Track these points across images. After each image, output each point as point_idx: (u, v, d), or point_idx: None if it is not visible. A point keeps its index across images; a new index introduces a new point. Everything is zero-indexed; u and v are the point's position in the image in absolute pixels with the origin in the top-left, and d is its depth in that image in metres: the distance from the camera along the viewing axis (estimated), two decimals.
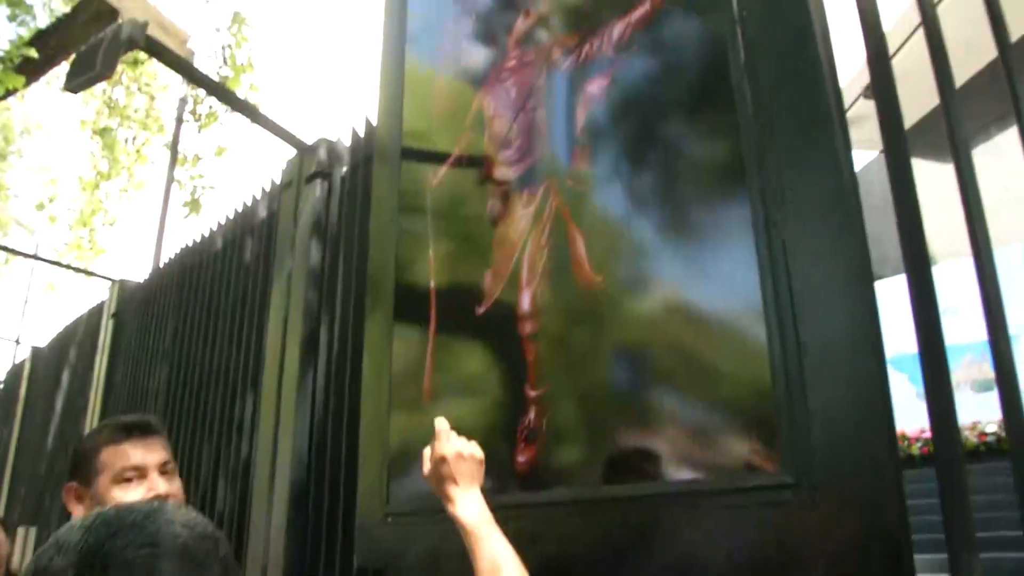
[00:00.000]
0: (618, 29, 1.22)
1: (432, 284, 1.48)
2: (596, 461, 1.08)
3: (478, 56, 1.59)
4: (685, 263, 1.06)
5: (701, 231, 1.05)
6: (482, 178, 1.45)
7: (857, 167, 1.05)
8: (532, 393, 1.20)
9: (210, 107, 6.61)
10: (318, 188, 2.10)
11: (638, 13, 1.20)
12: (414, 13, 1.87)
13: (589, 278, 1.14)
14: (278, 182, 2.35)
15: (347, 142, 2.13)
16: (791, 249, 0.94)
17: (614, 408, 1.08)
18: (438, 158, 1.62)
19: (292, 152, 2.24)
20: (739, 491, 0.91)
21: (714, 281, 1.01)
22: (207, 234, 2.84)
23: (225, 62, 6.08)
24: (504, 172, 1.38)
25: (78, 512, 1.10)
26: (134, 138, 8.50)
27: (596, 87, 1.24)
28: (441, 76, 1.66)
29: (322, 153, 2.14)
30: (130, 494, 1.07)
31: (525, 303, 1.25)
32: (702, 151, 1.08)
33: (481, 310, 1.34)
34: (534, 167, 1.32)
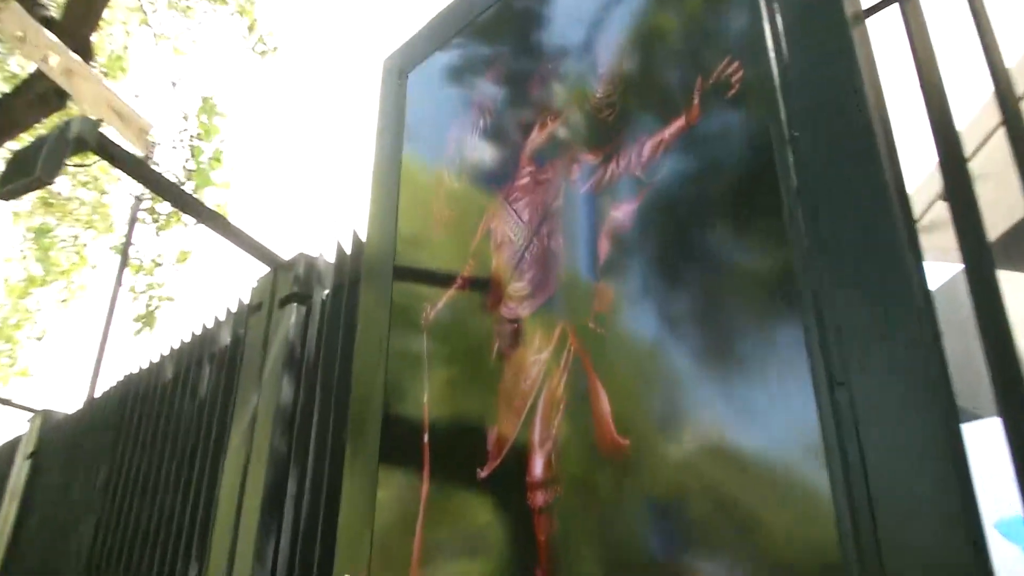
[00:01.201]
0: (649, 147, 1.29)
1: (426, 437, 1.49)
2: None
3: (487, 169, 1.67)
4: (728, 409, 1.07)
5: (746, 371, 1.06)
6: (489, 312, 1.48)
7: (944, 279, 1.07)
8: None
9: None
10: (294, 312, 2.14)
11: (672, 129, 1.27)
12: (414, 114, 1.98)
13: (614, 443, 1.15)
14: (246, 302, 2.40)
15: (330, 259, 2.20)
16: (856, 385, 0.95)
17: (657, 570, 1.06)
18: (438, 283, 1.66)
19: (265, 269, 2.30)
20: None
21: (764, 427, 1.02)
22: (157, 359, 2.86)
23: (192, 156, 6.34)
24: (514, 308, 1.42)
25: None
26: (76, 237, 8.72)
27: (622, 213, 1.29)
28: (443, 189, 1.74)
29: (300, 271, 2.20)
30: None
31: (537, 469, 1.25)
32: (747, 289, 1.11)
33: (484, 473, 1.34)
34: (549, 304, 1.35)
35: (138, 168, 2.30)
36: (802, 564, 0.94)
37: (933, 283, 1.05)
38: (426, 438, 1.49)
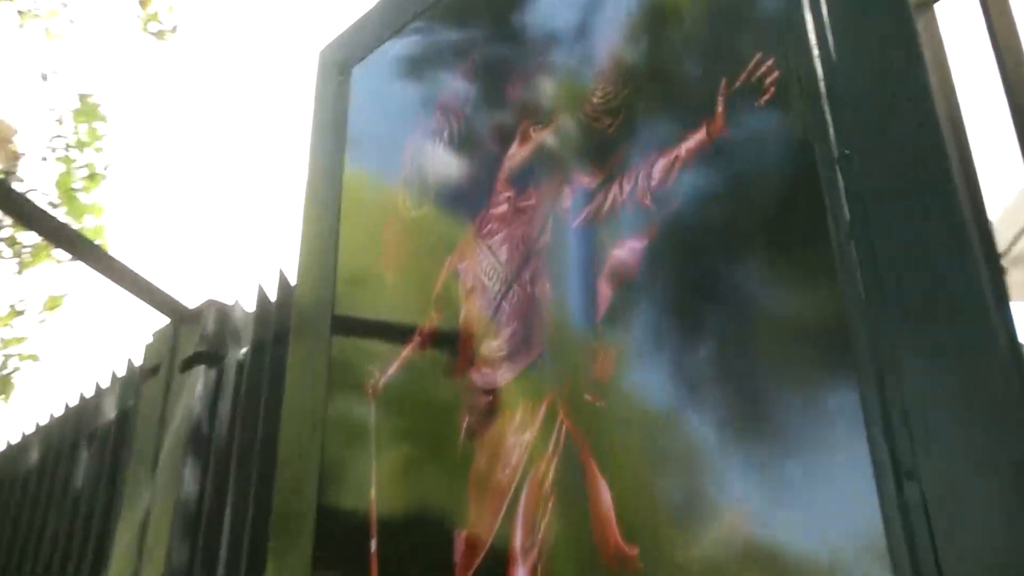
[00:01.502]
0: (661, 166, 1.31)
1: (374, 543, 1.48)
2: None
3: (454, 192, 1.68)
4: (765, 503, 1.07)
5: (788, 454, 1.07)
6: (456, 378, 1.49)
7: None
8: None
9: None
10: (200, 377, 2.14)
11: (690, 145, 1.29)
12: (360, 120, 2.00)
13: (619, 551, 1.15)
14: (137, 364, 2.39)
15: (249, 307, 2.20)
16: (929, 477, 0.96)
17: None
18: (390, 340, 1.67)
19: (163, 320, 2.30)
20: None
21: (811, 526, 1.02)
22: (17, 440, 2.84)
23: (66, 170, 6.32)
24: (489, 373, 1.42)
25: None
26: None
27: (628, 251, 1.31)
28: (397, 216, 1.75)
29: (209, 324, 2.20)
30: None
31: None
32: (788, 350, 1.13)
33: None
34: (534, 369, 1.36)
35: None
36: None
37: None
38: (374, 545, 1.48)
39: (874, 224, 1.07)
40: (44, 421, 2.72)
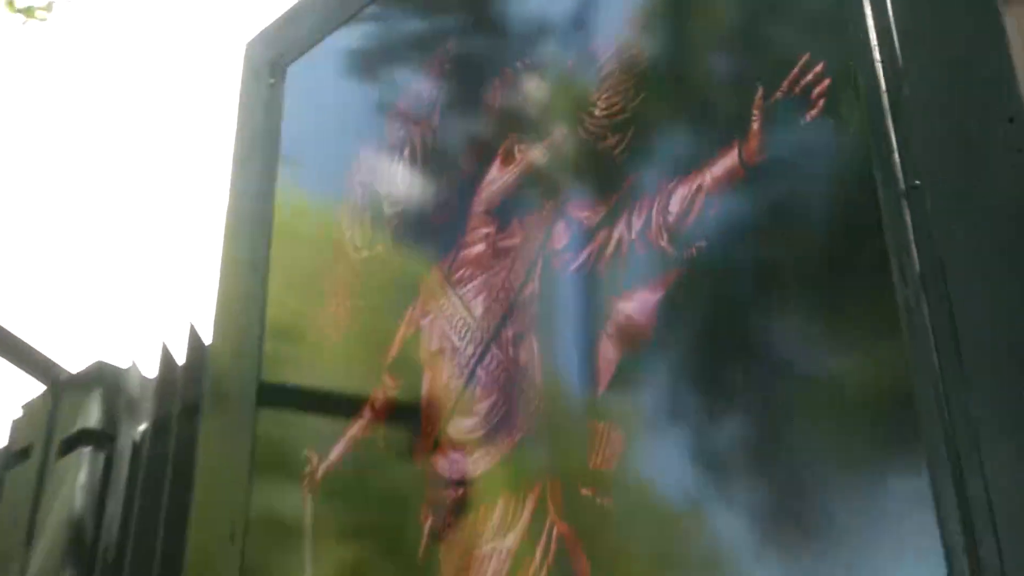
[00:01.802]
0: (680, 197, 1.32)
1: None
2: None
3: (417, 224, 1.70)
4: None
5: (839, 556, 1.08)
6: (417, 464, 1.50)
7: None
8: None
9: None
10: (85, 463, 2.13)
11: (717, 171, 1.30)
12: (297, 130, 2.01)
13: None
14: (1, 446, 2.38)
15: (149, 372, 2.20)
16: (1014, 570, 0.97)
17: None
18: (333, 414, 1.67)
19: (36, 389, 2.30)
20: None
21: None
22: None
23: None
24: (457, 461, 1.43)
25: None
26: None
27: (638, 305, 1.32)
28: (344, 254, 1.76)
29: (97, 393, 2.19)
30: None
31: None
32: (841, 424, 1.14)
33: None
34: (517, 456, 1.37)
35: None
36: None
37: None
38: None
39: (951, 276, 1.09)
40: None
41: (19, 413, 2.37)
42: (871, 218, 1.13)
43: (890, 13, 1.21)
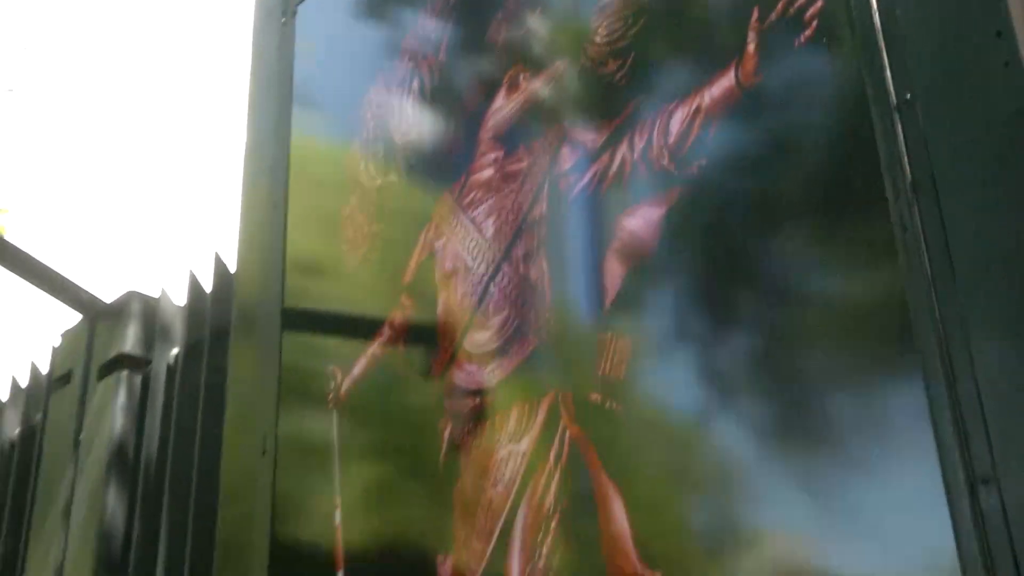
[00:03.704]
0: (679, 119, 1.30)
1: (341, 574, 1.48)
2: None
3: (427, 153, 1.67)
4: (813, 519, 1.08)
5: (838, 461, 1.07)
6: (435, 378, 1.48)
7: None
8: None
9: None
10: (123, 385, 2.13)
11: (715, 93, 1.28)
12: (309, 70, 1.98)
13: (634, 573, 1.16)
14: (45, 372, 2.38)
15: (179, 300, 2.19)
16: (1009, 483, 0.96)
17: None
18: (354, 335, 1.66)
19: (75, 318, 2.29)
20: None
21: (868, 546, 1.03)
22: None
23: None
24: (473, 372, 1.42)
25: None
26: None
27: (642, 222, 1.30)
28: (359, 185, 1.75)
29: (132, 321, 2.18)
30: None
31: None
32: (837, 335, 1.13)
33: None
34: (530, 365, 1.36)
35: None
36: None
37: None
38: (340, 574, 1.48)
39: (942, 187, 1.07)
40: None
41: (59, 342, 2.37)
42: (865, 133, 1.11)
43: None
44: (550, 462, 1.29)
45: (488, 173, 1.52)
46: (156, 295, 2.25)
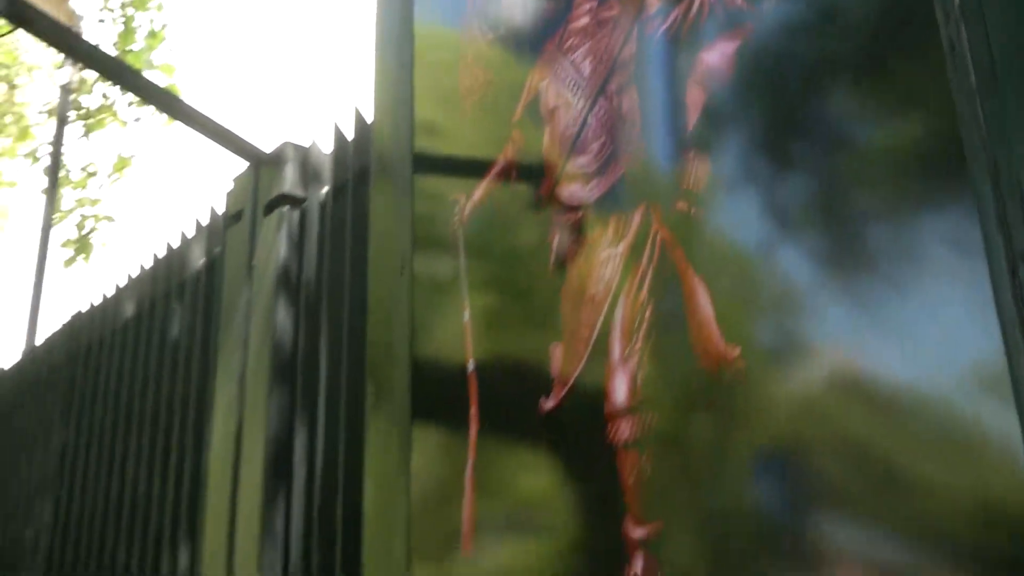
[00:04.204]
0: None
1: (471, 366, 1.53)
2: None
3: (529, 11, 1.66)
4: (868, 317, 1.08)
5: (894, 266, 1.07)
6: (541, 200, 1.50)
7: None
8: (638, 532, 1.23)
9: (104, 96, 6.88)
10: (285, 221, 2.19)
11: None
12: None
13: (719, 352, 1.18)
14: (220, 212, 2.46)
15: (327, 148, 2.23)
16: None
17: (765, 548, 1.10)
18: (471, 170, 1.68)
19: (241, 166, 2.35)
20: None
21: (918, 344, 1.03)
22: (111, 293, 2.96)
23: (126, 29, 6.35)
24: (577, 191, 1.43)
25: None
26: None
27: (718, 55, 1.29)
28: (471, 43, 1.75)
29: (289, 167, 2.23)
30: None
31: (619, 394, 1.29)
32: (891, 145, 1.11)
33: (550, 404, 1.38)
34: (623, 183, 1.37)
35: (64, 37, 2.33)
36: (982, 537, 0.95)
37: None
38: (471, 367, 1.54)
39: (989, 21, 1.03)
40: (136, 274, 2.82)
41: (231, 186, 2.43)
42: None
43: None
44: (643, 261, 1.31)
45: (584, 21, 1.51)
46: (307, 144, 2.29)
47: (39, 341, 3.51)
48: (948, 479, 0.98)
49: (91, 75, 6.74)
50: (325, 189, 2.21)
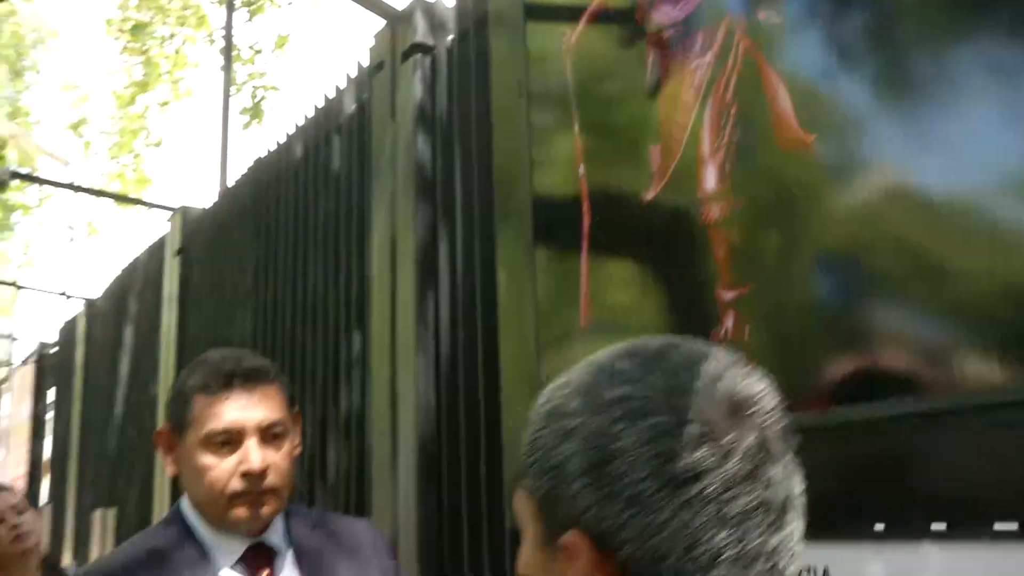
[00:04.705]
0: None
1: (582, 168, 1.56)
2: (820, 380, 1.13)
3: None
4: (921, 125, 1.07)
5: (941, 89, 1.05)
6: (639, 22, 1.49)
7: None
8: (728, 295, 1.26)
9: None
10: (418, 66, 2.21)
11: None
12: None
13: (796, 137, 1.18)
14: (365, 64, 2.49)
15: (450, 2, 2.22)
16: None
17: (834, 310, 1.12)
18: (572, 11, 1.67)
19: (379, 24, 2.36)
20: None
21: (962, 156, 1.02)
22: (283, 140, 3.05)
23: None
24: (669, 10, 1.41)
25: (168, 465, 1.21)
26: (171, 36, 9.07)
27: None
28: None
29: (419, 20, 2.24)
30: (220, 465, 1.13)
31: (709, 180, 1.30)
32: None
33: (650, 195, 1.40)
34: (709, 2, 1.34)
35: None
36: (1010, 314, 0.96)
37: None
38: (582, 169, 1.56)
39: None
40: (301, 122, 2.90)
41: (372, 42, 2.46)
42: None
43: None
44: (728, 67, 1.29)
45: None
46: (433, 0, 2.30)
47: (231, 183, 3.66)
48: (985, 268, 0.99)
49: None
50: (450, 36, 2.21)
